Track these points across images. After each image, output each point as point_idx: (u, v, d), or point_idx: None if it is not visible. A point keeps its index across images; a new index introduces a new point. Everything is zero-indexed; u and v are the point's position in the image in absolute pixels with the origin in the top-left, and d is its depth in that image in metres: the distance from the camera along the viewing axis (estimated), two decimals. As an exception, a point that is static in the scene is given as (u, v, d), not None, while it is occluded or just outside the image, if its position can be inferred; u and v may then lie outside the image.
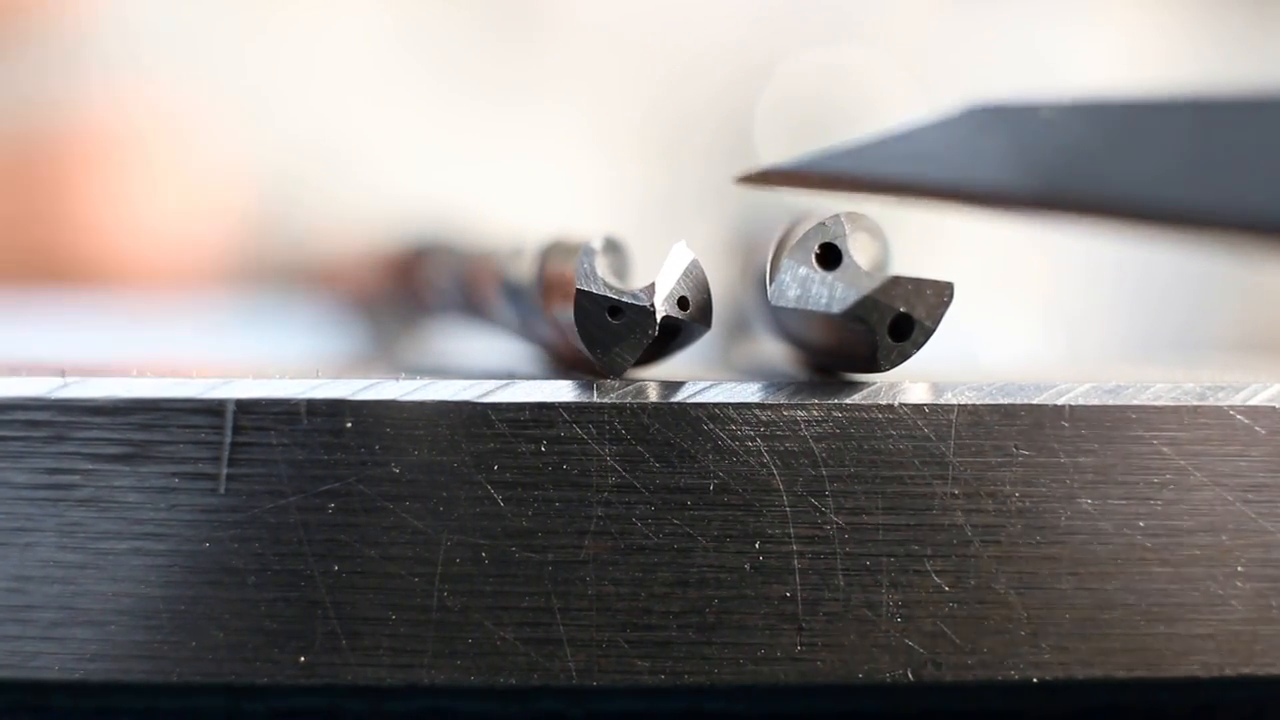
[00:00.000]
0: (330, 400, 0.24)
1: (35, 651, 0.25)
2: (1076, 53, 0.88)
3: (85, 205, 0.82)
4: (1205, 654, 0.25)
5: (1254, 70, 0.88)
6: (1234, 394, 0.25)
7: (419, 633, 0.25)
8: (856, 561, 0.25)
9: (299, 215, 0.80)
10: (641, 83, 0.86)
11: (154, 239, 0.84)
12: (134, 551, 0.24)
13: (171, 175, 0.85)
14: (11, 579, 0.24)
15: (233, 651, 0.25)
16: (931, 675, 0.25)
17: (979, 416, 0.25)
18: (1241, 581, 0.25)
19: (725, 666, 0.25)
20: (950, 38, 0.88)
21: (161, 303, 0.70)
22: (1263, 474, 0.25)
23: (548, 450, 0.24)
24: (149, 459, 0.24)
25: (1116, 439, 0.25)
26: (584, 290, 0.24)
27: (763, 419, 0.24)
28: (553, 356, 0.30)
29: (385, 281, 0.51)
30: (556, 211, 0.81)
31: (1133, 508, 0.25)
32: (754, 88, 0.86)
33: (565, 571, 0.25)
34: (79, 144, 0.84)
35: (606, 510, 0.24)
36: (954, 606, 0.25)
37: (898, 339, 0.24)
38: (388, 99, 0.85)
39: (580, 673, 0.25)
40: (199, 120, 0.84)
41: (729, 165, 0.87)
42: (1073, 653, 0.25)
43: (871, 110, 0.87)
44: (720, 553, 0.25)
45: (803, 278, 0.24)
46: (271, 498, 0.24)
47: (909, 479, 0.25)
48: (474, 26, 0.85)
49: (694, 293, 0.25)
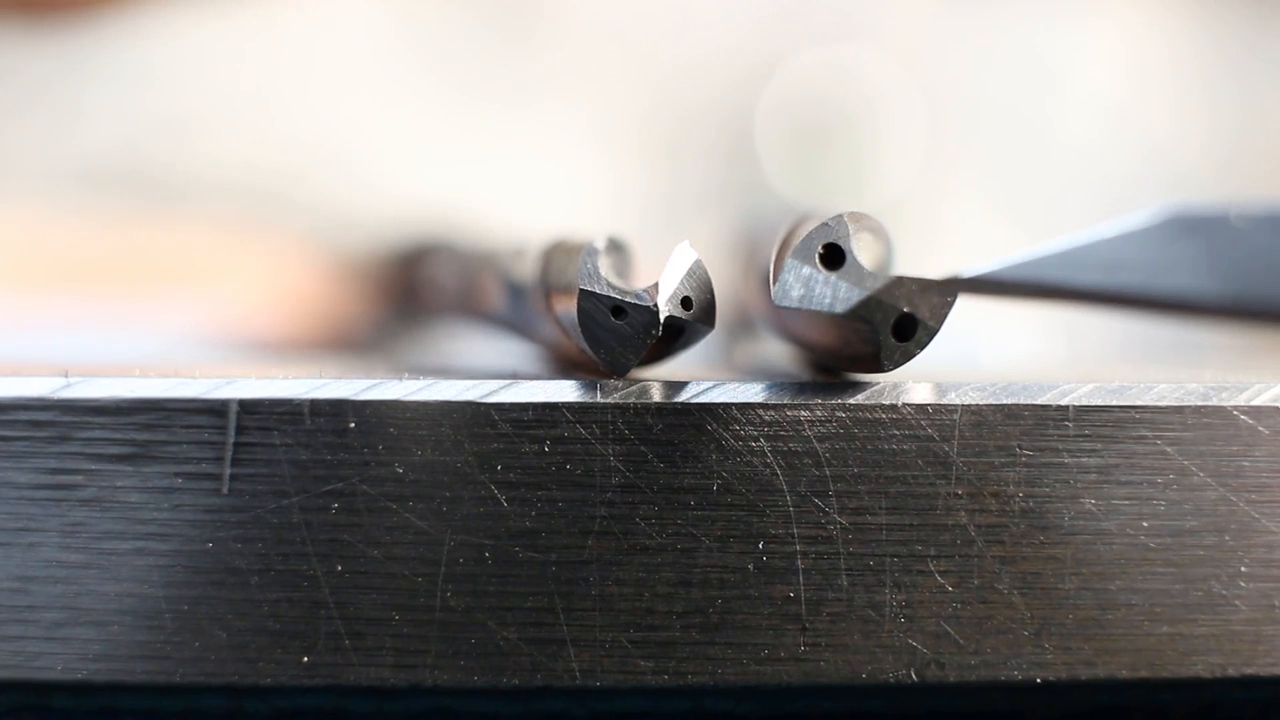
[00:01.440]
0: (333, 400, 0.24)
1: (38, 652, 0.25)
2: (1076, 53, 0.88)
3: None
4: (1208, 654, 0.25)
5: (1255, 70, 0.88)
6: (1237, 394, 0.25)
7: (422, 633, 0.25)
8: (860, 562, 0.25)
9: (299, 215, 0.80)
10: (643, 82, 0.86)
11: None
12: (137, 552, 0.24)
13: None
14: (14, 579, 0.24)
15: (236, 652, 0.25)
16: (935, 675, 0.25)
17: (983, 416, 0.25)
18: (1245, 582, 0.25)
19: (728, 667, 0.25)
20: (950, 38, 0.88)
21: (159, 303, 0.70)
22: (1266, 474, 0.25)
23: (551, 450, 0.24)
24: (152, 459, 0.24)
25: (1120, 439, 0.25)
26: (587, 290, 0.24)
27: (766, 419, 0.24)
28: (556, 357, 0.30)
29: (387, 282, 0.51)
30: (558, 211, 0.81)
31: (1136, 508, 0.25)
32: (755, 88, 0.86)
33: (569, 572, 0.25)
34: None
35: (610, 510, 0.24)
36: (957, 607, 0.25)
37: (901, 339, 0.24)
38: (389, 99, 0.85)
39: (584, 673, 0.25)
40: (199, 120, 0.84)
41: (730, 165, 0.87)
42: (1076, 653, 0.25)
43: (871, 110, 0.87)
44: (724, 553, 0.25)
45: (806, 278, 0.24)
46: (275, 498, 0.24)
47: (912, 479, 0.25)
48: (475, 26, 0.85)
49: (697, 293, 0.25)
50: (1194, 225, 0.21)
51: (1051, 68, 0.89)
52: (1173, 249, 0.21)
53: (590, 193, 0.85)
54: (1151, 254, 0.21)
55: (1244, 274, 0.20)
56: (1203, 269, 0.20)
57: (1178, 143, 0.88)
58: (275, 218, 0.77)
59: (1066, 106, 0.89)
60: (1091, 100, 0.89)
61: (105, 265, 0.61)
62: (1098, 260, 0.21)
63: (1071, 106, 0.89)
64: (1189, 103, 0.88)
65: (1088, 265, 0.21)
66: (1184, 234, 0.21)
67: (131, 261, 0.61)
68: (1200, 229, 0.21)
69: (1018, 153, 0.88)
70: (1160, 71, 0.88)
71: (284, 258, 0.61)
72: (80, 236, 0.64)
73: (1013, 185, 0.88)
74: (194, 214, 0.77)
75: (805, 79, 0.87)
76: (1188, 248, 0.21)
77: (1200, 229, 0.21)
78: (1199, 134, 0.88)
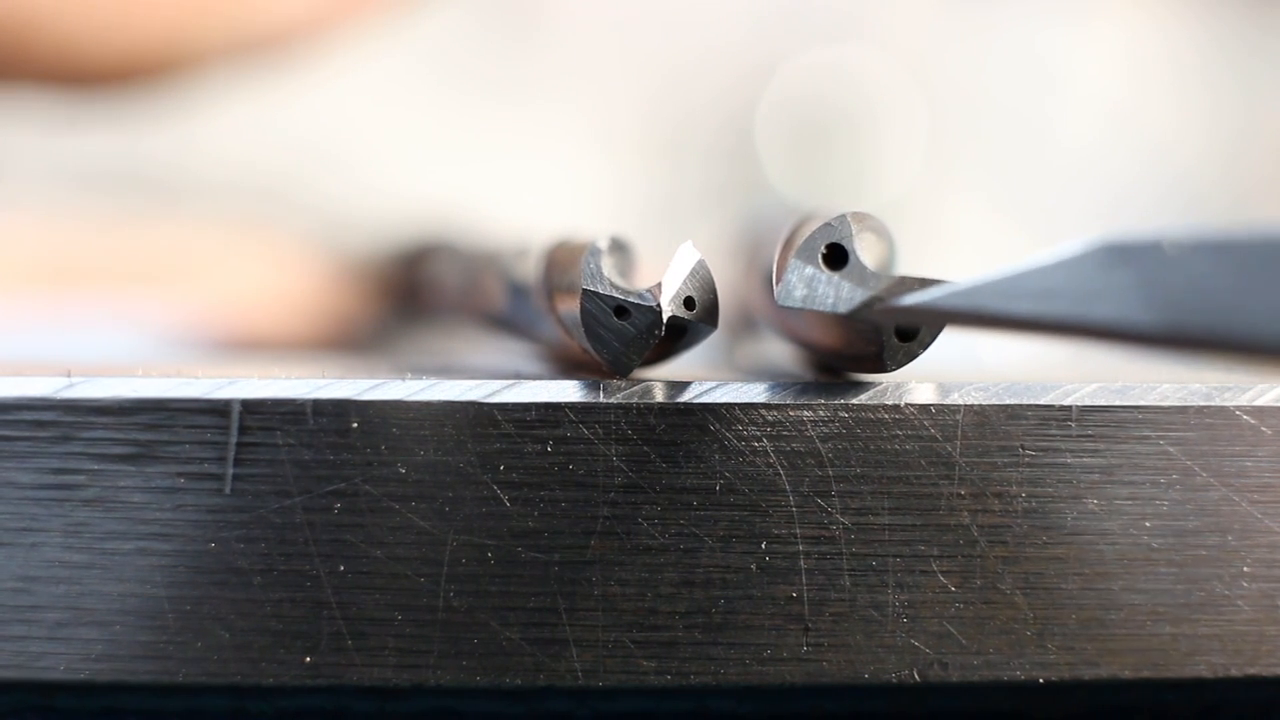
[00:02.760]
0: (336, 400, 0.24)
1: (41, 652, 0.25)
2: (1076, 53, 0.88)
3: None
4: (1211, 654, 0.25)
5: (1255, 71, 0.88)
6: (1240, 394, 0.25)
7: (425, 633, 0.25)
8: (863, 562, 0.25)
9: (300, 215, 0.80)
10: (643, 83, 0.86)
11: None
12: (139, 552, 0.24)
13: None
14: (17, 579, 0.24)
15: (238, 652, 0.25)
16: (938, 676, 0.25)
17: (985, 417, 0.25)
18: (1248, 582, 0.25)
19: (731, 667, 0.25)
20: (950, 38, 0.88)
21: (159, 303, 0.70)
22: (1269, 474, 0.25)
23: (554, 450, 0.24)
24: (155, 459, 0.24)
25: (1123, 439, 0.25)
26: (590, 290, 0.24)
27: (769, 419, 0.24)
28: (558, 357, 0.30)
29: (389, 282, 0.51)
30: (559, 211, 0.81)
31: (1139, 508, 0.25)
32: (755, 88, 0.86)
33: (571, 572, 0.25)
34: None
35: (613, 510, 0.24)
36: (960, 607, 0.25)
37: (904, 339, 0.24)
38: (390, 98, 0.85)
39: (586, 673, 0.25)
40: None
41: (731, 165, 0.87)
42: (1078, 653, 0.25)
43: (872, 110, 0.87)
44: (726, 553, 0.25)
45: (809, 278, 0.24)
46: (277, 498, 0.24)
47: (915, 479, 0.25)
48: (476, 25, 0.85)
49: (700, 293, 0.25)
50: (1127, 254, 0.21)
51: (1051, 68, 0.89)
52: (1106, 277, 0.21)
53: (591, 193, 0.85)
54: (1084, 283, 0.21)
55: (1177, 303, 0.20)
56: (1136, 298, 0.20)
57: (1178, 143, 0.88)
58: (276, 218, 0.77)
59: (1067, 106, 0.89)
60: (1092, 100, 0.89)
61: (105, 265, 0.61)
62: (1031, 289, 0.21)
63: (1072, 106, 0.89)
64: (1189, 103, 0.88)
65: (1021, 294, 0.21)
66: (1117, 262, 0.21)
67: (132, 261, 0.61)
68: (1133, 257, 0.21)
69: (1018, 153, 0.88)
70: (1161, 72, 0.88)
71: (285, 258, 0.61)
72: (80, 236, 0.64)
73: (1013, 185, 0.88)
74: (194, 214, 0.77)
75: (805, 79, 0.87)
76: (1121, 276, 0.21)
77: (1133, 257, 0.21)
78: (1199, 134, 0.88)
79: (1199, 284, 0.20)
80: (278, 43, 0.49)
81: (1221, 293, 0.20)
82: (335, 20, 0.50)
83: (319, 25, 0.50)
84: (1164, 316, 0.20)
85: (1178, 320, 0.20)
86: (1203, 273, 0.20)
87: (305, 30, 0.49)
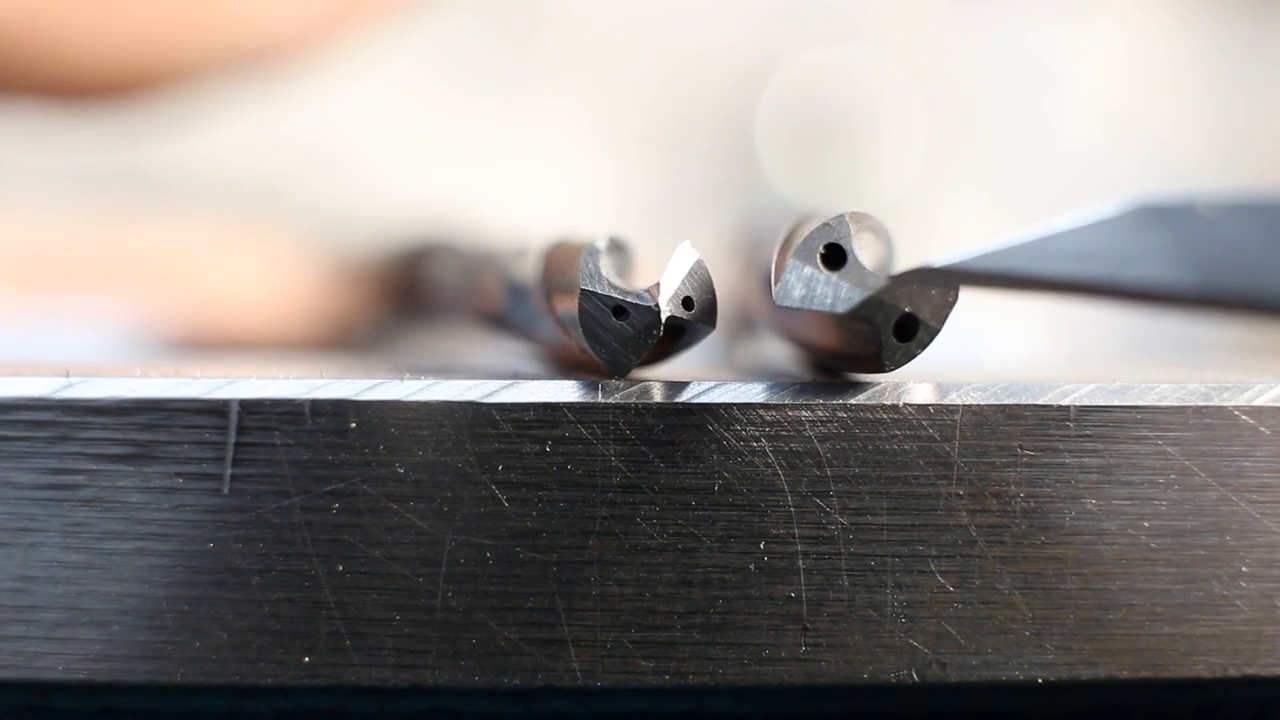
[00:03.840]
0: (334, 400, 0.24)
1: (39, 652, 0.25)
2: (1076, 52, 0.88)
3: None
4: (1209, 655, 0.25)
5: (1256, 70, 0.88)
6: (1239, 394, 0.25)
7: (423, 633, 0.25)
8: (861, 562, 0.25)
9: (299, 215, 0.80)
10: (643, 82, 0.86)
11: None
12: (138, 552, 0.24)
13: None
14: (15, 579, 0.24)
15: (236, 652, 0.25)
16: (936, 676, 0.25)
17: (984, 417, 0.25)
18: (1246, 582, 0.25)
19: (729, 667, 0.25)
20: (950, 38, 0.88)
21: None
22: (1267, 474, 0.25)
23: (552, 450, 0.24)
24: (153, 459, 0.24)
25: (1121, 439, 0.25)
26: (588, 290, 0.24)
27: (767, 419, 0.24)
28: (557, 357, 0.30)
29: (388, 282, 0.51)
30: (558, 211, 0.81)
31: (1137, 508, 0.25)
32: (755, 88, 0.86)
33: (570, 572, 0.24)
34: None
35: (611, 511, 0.24)
36: (958, 607, 0.25)
37: (903, 339, 0.24)
38: (390, 98, 0.85)
39: (584, 673, 0.25)
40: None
41: (731, 165, 0.87)
42: (1077, 653, 0.25)
43: (871, 110, 0.87)
44: (725, 553, 0.25)
45: (808, 278, 0.24)
46: (275, 498, 0.24)
47: (914, 479, 0.25)
48: (476, 25, 0.85)
49: (699, 293, 0.25)
50: (1161, 215, 0.21)
51: (1051, 68, 0.89)
52: (1140, 239, 0.21)
53: (591, 193, 0.85)
54: (1119, 244, 0.21)
55: (1211, 263, 0.20)
56: (1170, 258, 0.20)
57: (1178, 143, 0.88)
58: (275, 217, 0.77)
59: (1066, 106, 0.89)
60: (1091, 100, 0.89)
61: (103, 265, 0.61)
62: (1065, 250, 0.21)
63: (1071, 106, 0.89)
64: (1189, 103, 0.88)
65: (1055, 255, 0.21)
66: (1151, 224, 0.21)
67: (130, 261, 0.61)
68: (1167, 218, 0.21)
69: (1018, 152, 0.88)
70: (1161, 71, 0.88)
71: (284, 257, 0.61)
72: (78, 235, 0.64)
73: (1013, 185, 0.88)
74: (193, 213, 0.77)
75: (805, 79, 0.87)
76: (1155, 237, 0.21)
77: (1167, 218, 0.21)
78: (1199, 134, 0.88)
79: (1233, 245, 0.20)
80: (274, 55, 0.49)
81: (1255, 253, 0.20)
82: (331, 32, 0.50)
83: (315, 37, 0.50)
84: (1198, 277, 0.20)
85: (1211, 281, 0.20)
86: (1236, 233, 0.20)
87: (302, 42, 0.50)
